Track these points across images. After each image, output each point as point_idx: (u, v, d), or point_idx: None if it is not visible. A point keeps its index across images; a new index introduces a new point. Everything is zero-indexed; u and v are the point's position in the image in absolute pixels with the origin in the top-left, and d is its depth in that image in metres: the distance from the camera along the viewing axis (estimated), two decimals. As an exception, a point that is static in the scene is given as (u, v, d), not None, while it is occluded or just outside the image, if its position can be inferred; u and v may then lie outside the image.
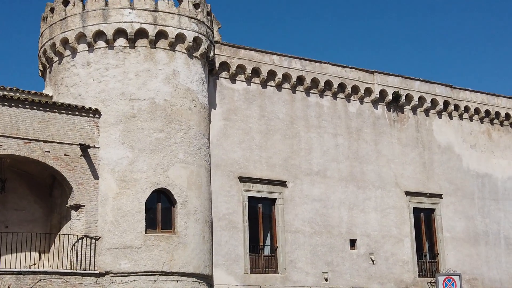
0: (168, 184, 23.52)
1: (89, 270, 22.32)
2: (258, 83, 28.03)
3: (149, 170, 23.35)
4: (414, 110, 31.72)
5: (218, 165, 26.40)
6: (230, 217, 26.22)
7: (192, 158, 24.21)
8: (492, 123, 33.83)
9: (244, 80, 27.72)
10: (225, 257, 25.73)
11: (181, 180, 23.73)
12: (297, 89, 28.92)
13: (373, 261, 28.89)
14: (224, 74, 27.34)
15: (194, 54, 25.22)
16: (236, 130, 27.19)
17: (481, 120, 33.51)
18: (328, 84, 29.53)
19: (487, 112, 33.55)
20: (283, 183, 27.63)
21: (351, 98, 30.17)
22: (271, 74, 28.25)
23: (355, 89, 30.20)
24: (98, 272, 22.42)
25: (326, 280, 27.60)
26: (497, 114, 33.82)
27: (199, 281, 23.53)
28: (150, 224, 23.26)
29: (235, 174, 26.71)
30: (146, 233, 22.93)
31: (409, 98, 31.47)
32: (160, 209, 23.66)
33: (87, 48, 24.41)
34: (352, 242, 28.69)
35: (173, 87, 24.35)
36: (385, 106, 30.98)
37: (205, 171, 24.84)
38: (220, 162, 26.48)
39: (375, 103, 30.73)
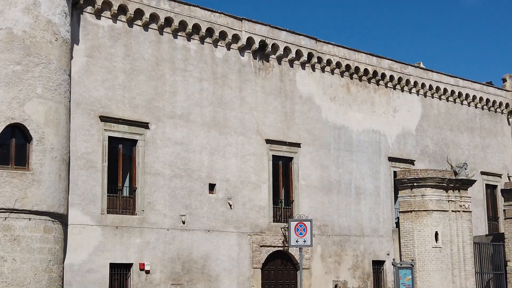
0: (24, 120, 22.57)
1: None
2: (125, 21, 27.30)
3: (3, 104, 22.23)
4: (279, 60, 32.28)
5: (79, 103, 25.68)
6: (88, 157, 25.72)
7: (51, 94, 23.31)
8: (351, 78, 35.15)
9: (110, 17, 26.88)
10: (81, 196, 25.30)
11: (38, 116, 22.84)
12: (164, 30, 28.48)
13: (230, 205, 29.52)
14: (89, 9, 26.35)
15: (57, -15, 24.03)
16: (99, 68, 26.46)
17: (342, 74, 34.73)
18: (196, 27, 29.32)
19: (348, 67, 34.78)
20: (145, 125, 27.38)
21: (218, 44, 30.17)
22: (138, 13, 27.58)
23: (222, 35, 30.20)
24: None
25: (184, 222, 27.93)
26: (357, 69, 35.16)
27: (53, 220, 23.00)
28: (3, 160, 22.28)
29: (96, 113, 26.11)
30: (-2, 169, 22.00)
31: (275, 47, 31.95)
32: (14, 145, 22.67)
33: None
34: (211, 187, 29.12)
35: (33, 18, 23.16)
36: (251, 54, 31.28)
37: (64, 108, 24.05)
38: (81, 100, 25.75)
39: (241, 50, 30.94)
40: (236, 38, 30.63)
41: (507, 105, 43.06)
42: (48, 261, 22.53)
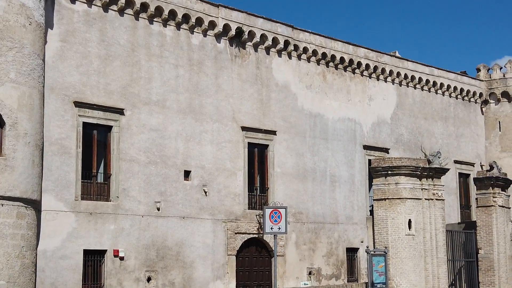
0: (-3, 104, 22.29)
1: None
2: (100, 6, 27.02)
3: (-24, 88, 21.94)
4: (255, 47, 32.22)
5: (53, 88, 25.43)
6: (62, 142, 25.52)
7: (24, 78, 23.03)
8: (327, 66, 35.21)
9: (85, 1, 26.60)
10: (55, 182, 25.11)
11: (11, 101, 22.55)
12: (140, 16, 28.25)
13: (205, 192, 29.50)
14: (63, -7, 26.05)
15: (31, -32, 23.68)
16: (73, 53, 26.20)
17: (318, 62, 34.76)
18: (172, 13, 29.11)
19: (324, 55, 34.82)
20: (120, 111, 27.21)
21: (194, 30, 30.01)
22: (114, -2, 27.35)
23: (199, 21, 30.04)
24: None
25: (158, 209, 27.86)
26: (333, 57, 35.22)
27: (26, 206, 22.79)
28: (-25, 145, 22.04)
29: (70, 99, 25.89)
30: (-30, 154, 21.72)
31: (251, 34, 31.87)
32: (-14, 130, 22.44)
33: None
34: (187, 173, 29.07)
35: (6, 2, 22.79)
36: (227, 41, 31.18)
37: (38, 93, 23.78)
38: (55, 85, 25.51)
39: (218, 37, 30.82)
40: (212, 24, 30.49)
41: (480, 94, 43.48)
42: (21, 247, 22.35)
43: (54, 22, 25.64)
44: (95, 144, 26.89)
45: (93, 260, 26.04)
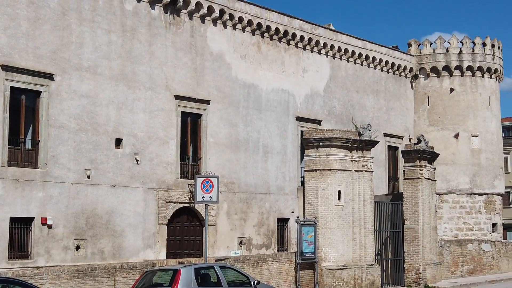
0: None
1: None
2: (29, -33, 26.13)
3: None
4: (190, 15, 31.85)
5: (-21, 50, 24.55)
6: (-12, 107, 24.73)
7: None
8: (262, 36, 35.17)
9: (14, -39, 25.66)
10: (-20, 148, 24.38)
11: None
12: (71, -22, 27.48)
13: (137, 161, 29.21)
14: (-10, -49, 25.02)
15: None
16: (1, 14, 25.30)
17: (253, 32, 34.68)
18: (106, -23, 28.44)
19: (259, 25, 34.75)
20: (50, 76, 26.52)
21: (128, -5, 29.41)
22: (44, -41, 26.45)
23: (133, -14, 29.45)
24: None
25: (89, 177, 27.44)
26: (268, 28, 35.19)
27: (-51, 171, 22.09)
28: None
29: (-3, 62, 25.07)
30: None
31: (186, 2, 31.46)
32: None
33: None
34: (118, 141, 28.69)
35: None
36: (162, 8, 30.70)
37: (-38, 55, 22.91)
38: (-20, 48, 24.62)
39: (152, 3, 30.30)
40: (146, -10, 29.95)
41: (411, 69, 44.40)
42: None
43: (-20, -19, 24.66)
44: (23, 109, 26.17)
45: (20, 228, 25.50)
